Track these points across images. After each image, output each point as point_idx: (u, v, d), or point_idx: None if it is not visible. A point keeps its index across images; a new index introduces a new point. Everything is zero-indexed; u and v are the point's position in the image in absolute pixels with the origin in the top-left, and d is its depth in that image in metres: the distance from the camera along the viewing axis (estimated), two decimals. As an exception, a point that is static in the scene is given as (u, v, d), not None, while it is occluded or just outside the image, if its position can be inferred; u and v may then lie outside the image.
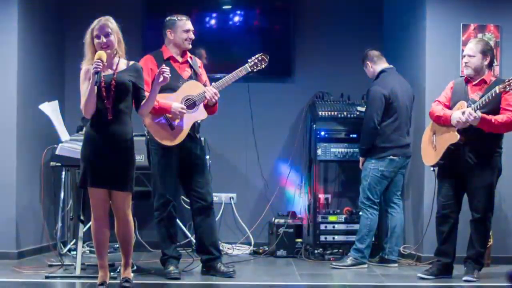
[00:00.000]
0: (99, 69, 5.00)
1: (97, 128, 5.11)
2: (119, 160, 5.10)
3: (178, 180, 6.03)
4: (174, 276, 5.82)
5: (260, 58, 6.07)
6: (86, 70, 5.13)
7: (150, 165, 5.95)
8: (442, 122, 5.92)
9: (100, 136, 5.09)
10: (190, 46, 6.08)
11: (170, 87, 5.87)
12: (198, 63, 6.16)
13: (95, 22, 5.15)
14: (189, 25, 6.05)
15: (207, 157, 6.73)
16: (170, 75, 5.26)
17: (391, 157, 6.49)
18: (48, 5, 7.29)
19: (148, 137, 5.96)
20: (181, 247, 6.53)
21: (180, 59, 6.06)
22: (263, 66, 6.09)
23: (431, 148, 6.04)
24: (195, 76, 6.06)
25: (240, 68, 6.01)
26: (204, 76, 6.14)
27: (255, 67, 6.06)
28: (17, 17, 6.60)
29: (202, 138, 6.19)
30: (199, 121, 6.01)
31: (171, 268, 5.89)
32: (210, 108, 6.03)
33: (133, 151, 5.20)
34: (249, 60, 6.06)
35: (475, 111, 5.68)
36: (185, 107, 5.87)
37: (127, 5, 7.60)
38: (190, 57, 6.11)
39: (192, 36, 6.04)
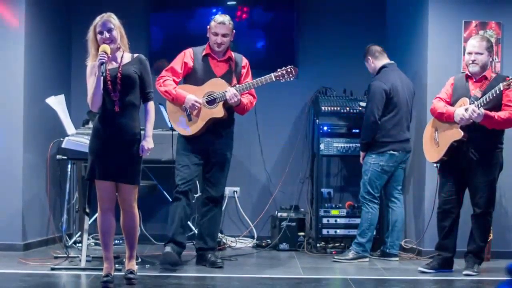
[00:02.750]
0: (104, 61, 5.04)
1: (105, 121, 5.16)
2: (126, 153, 5.16)
3: (195, 172, 6.06)
4: (169, 260, 5.86)
5: (289, 70, 5.92)
6: (91, 66, 5.17)
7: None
8: (445, 119, 5.93)
9: (108, 129, 5.14)
10: (219, 49, 5.98)
11: (200, 82, 5.95)
12: (242, 62, 6.12)
13: (98, 18, 5.20)
14: (217, 28, 5.94)
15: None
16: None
17: (391, 152, 6.53)
18: (55, 1, 7.33)
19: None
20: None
21: (219, 57, 6.04)
22: (290, 79, 5.94)
23: (434, 145, 6.06)
24: (230, 76, 6.02)
25: (265, 76, 5.91)
26: (247, 77, 6.09)
27: (281, 78, 5.91)
28: (24, 13, 6.64)
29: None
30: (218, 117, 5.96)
31: (167, 249, 5.92)
32: (237, 108, 6.03)
33: (140, 144, 5.22)
34: (278, 69, 5.93)
35: (478, 108, 5.73)
36: (199, 100, 5.91)
37: (133, 0, 7.65)
38: (233, 56, 6.07)
39: (219, 41, 5.94)
